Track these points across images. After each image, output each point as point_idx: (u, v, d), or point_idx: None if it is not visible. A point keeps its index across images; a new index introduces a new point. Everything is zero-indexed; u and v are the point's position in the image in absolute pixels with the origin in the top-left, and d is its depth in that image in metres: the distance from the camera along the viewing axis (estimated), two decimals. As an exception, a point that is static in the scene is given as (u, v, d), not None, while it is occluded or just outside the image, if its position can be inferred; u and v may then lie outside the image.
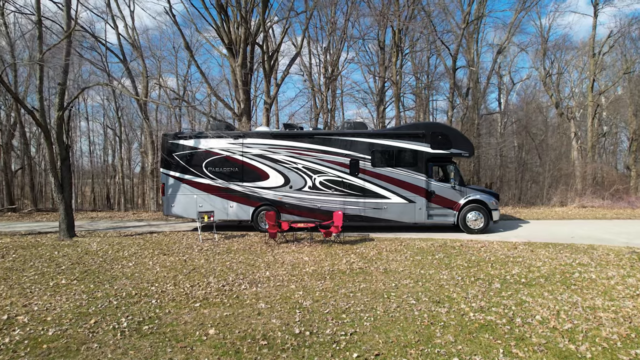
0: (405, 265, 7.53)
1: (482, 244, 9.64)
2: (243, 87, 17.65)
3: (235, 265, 7.76)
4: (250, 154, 11.98)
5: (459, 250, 8.91)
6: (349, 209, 11.67)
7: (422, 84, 25.91)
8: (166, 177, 12.34)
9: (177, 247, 9.75)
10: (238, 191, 12.01)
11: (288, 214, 11.86)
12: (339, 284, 6.39)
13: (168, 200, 12.30)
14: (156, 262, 8.11)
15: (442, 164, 11.93)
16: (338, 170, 11.70)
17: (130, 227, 13.87)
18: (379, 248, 9.28)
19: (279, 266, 7.67)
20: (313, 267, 7.55)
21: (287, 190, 11.85)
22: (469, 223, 11.47)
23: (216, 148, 12.11)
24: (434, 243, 9.68)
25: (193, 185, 12.17)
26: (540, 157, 27.40)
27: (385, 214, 11.63)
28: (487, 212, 11.46)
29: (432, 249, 9.09)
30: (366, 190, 11.65)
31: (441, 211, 11.62)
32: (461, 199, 11.55)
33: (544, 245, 9.31)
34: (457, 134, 12.34)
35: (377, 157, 11.66)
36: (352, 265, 7.61)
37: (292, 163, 11.84)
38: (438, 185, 11.59)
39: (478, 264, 7.51)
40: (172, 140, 12.36)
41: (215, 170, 12.08)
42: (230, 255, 8.79)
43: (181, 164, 12.23)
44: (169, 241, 10.71)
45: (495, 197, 11.90)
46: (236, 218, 12.09)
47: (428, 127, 11.88)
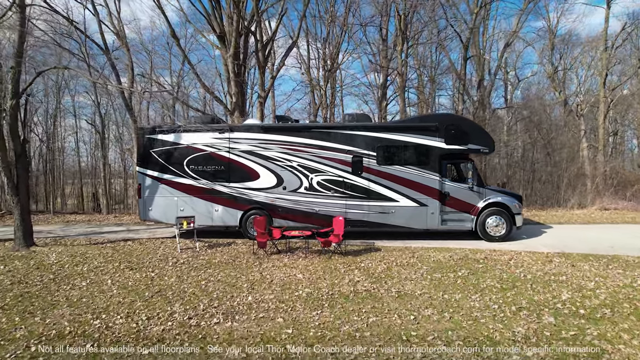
0: (423, 287, 6.04)
1: (509, 255, 8.15)
2: (235, 78, 16.17)
3: (212, 286, 6.27)
4: (237, 150, 10.49)
5: (484, 264, 7.42)
6: (351, 213, 10.18)
7: (426, 77, 24.43)
8: (143, 177, 10.84)
9: (149, 260, 8.25)
10: (224, 193, 10.51)
11: (281, 219, 10.36)
12: (340, 315, 4.90)
13: (145, 203, 10.80)
14: (116, 281, 6.61)
15: (457, 161, 10.44)
16: (338, 168, 10.21)
17: (106, 232, 12.37)
18: (387, 261, 7.79)
19: (265, 287, 6.18)
20: (308, 288, 6.06)
21: (280, 192, 10.36)
22: (489, 229, 9.99)
23: (199, 143, 10.61)
24: (453, 255, 8.19)
25: (173, 186, 10.67)
26: (550, 156, 25.99)
27: (393, 219, 10.15)
28: (509, 216, 9.97)
29: (451, 262, 7.61)
30: (371, 191, 10.16)
31: (457, 215, 10.13)
32: (480, 201, 10.07)
33: (583, 258, 7.83)
34: (475, 126, 10.83)
35: (384, 153, 10.16)
36: (356, 286, 6.13)
37: (285, 161, 10.35)
38: (453, 186, 10.10)
39: (514, 285, 6.03)
40: (149, 135, 10.86)
41: (198, 169, 10.59)
42: (209, 270, 7.30)
43: (160, 161, 10.74)
44: (142, 251, 9.22)
45: (518, 199, 10.40)
46: (222, 223, 10.59)
47: (442, 118, 10.38)
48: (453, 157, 10.23)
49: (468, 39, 16.94)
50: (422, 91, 25.85)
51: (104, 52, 17.14)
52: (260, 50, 17.47)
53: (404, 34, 16.47)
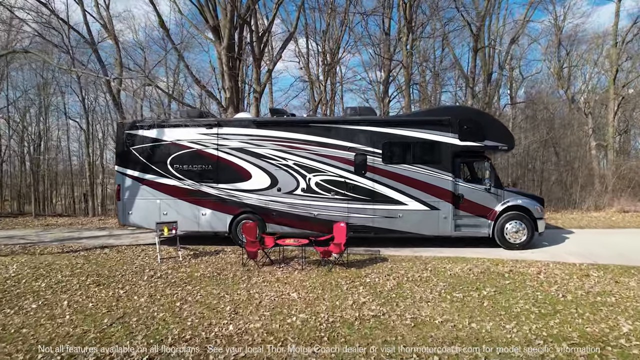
0: (444, 311, 4.96)
1: (536, 267, 7.07)
2: (229, 71, 15.08)
3: (188, 309, 5.19)
4: (227, 148, 9.40)
5: (511, 279, 6.34)
6: (354, 217, 9.10)
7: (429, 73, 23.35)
8: (122, 178, 9.75)
9: (123, 272, 7.17)
10: (212, 195, 9.42)
11: (275, 224, 9.28)
12: (343, 356, 3.82)
13: (124, 206, 9.71)
14: (75, 302, 5.53)
15: (472, 159, 9.37)
16: (340, 168, 9.13)
17: (85, 238, 11.28)
18: (397, 275, 6.70)
19: (252, 310, 5.10)
20: (304, 313, 4.97)
21: (275, 194, 9.28)
22: (508, 236, 8.91)
23: (184, 140, 9.52)
24: (472, 267, 7.10)
25: (155, 187, 9.58)
26: (558, 155, 24.94)
27: (401, 224, 9.06)
28: (530, 221, 8.89)
29: (471, 277, 6.52)
30: (376, 193, 9.07)
31: (472, 220, 9.05)
32: (497, 204, 8.98)
33: (624, 271, 6.74)
34: (492, 120, 9.72)
35: (391, 150, 9.08)
36: (362, 309, 5.05)
37: (280, 159, 9.27)
38: (468, 188, 9.02)
39: (554, 309, 4.94)
40: (129, 130, 9.77)
41: (184, 169, 9.50)
42: (188, 287, 6.21)
43: (141, 160, 9.65)
44: (118, 261, 8.14)
45: (540, 202, 9.31)
46: (210, 229, 9.50)
47: (456, 112, 9.27)
48: (468, 154, 9.16)
49: (479, 28, 15.83)
50: (425, 87, 24.80)
51: (89, 44, 16.06)
52: (256, 41, 16.42)
53: (410, 24, 15.39)
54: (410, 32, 15.53)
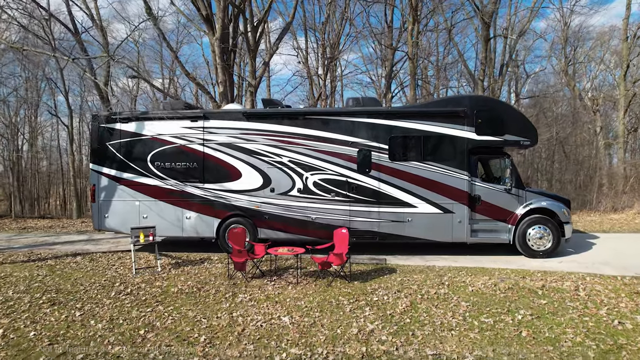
0: (473, 344, 3.92)
1: (571, 281, 6.02)
2: (222, 63, 14.05)
3: (152, 340, 4.15)
4: (214, 143, 8.37)
5: (546, 297, 5.29)
6: (357, 221, 8.06)
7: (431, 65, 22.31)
8: (98, 177, 8.72)
9: (89, 286, 6.14)
10: (197, 196, 8.39)
11: (268, 229, 8.24)
12: (348, 421, 2.78)
13: (100, 208, 8.67)
14: (13, 329, 4.48)
15: (491, 156, 8.35)
16: (341, 165, 8.10)
17: (60, 243, 10.25)
18: (408, 290, 5.66)
19: (232, 342, 4.06)
20: (296, 347, 3.94)
21: (268, 195, 8.24)
22: (531, 242, 7.86)
23: (166, 134, 8.49)
24: (496, 281, 6.05)
25: (134, 187, 8.55)
26: (567, 154, 23.95)
27: (410, 230, 8.02)
28: (556, 226, 7.85)
29: (498, 294, 5.47)
30: (381, 194, 8.03)
31: (490, 225, 8.01)
32: (519, 207, 7.94)
33: (677, 286, 5.70)
34: (513, 112, 8.63)
35: (398, 146, 8.04)
36: (369, 341, 4.02)
37: (274, 156, 8.23)
38: (486, 188, 7.98)
39: (615, 343, 3.90)
40: (105, 124, 8.73)
41: (166, 167, 8.47)
42: (159, 307, 5.17)
43: (118, 157, 8.62)
44: (87, 272, 7.11)
45: (566, 204, 8.27)
46: (195, 234, 8.46)
47: (472, 102, 8.20)
48: (485, 150, 8.12)
49: (491, 15, 14.74)
50: (428, 82, 23.78)
51: (72, 33, 15.02)
52: (251, 31, 15.37)
53: (415, 12, 14.34)
54: (415, 22, 14.48)
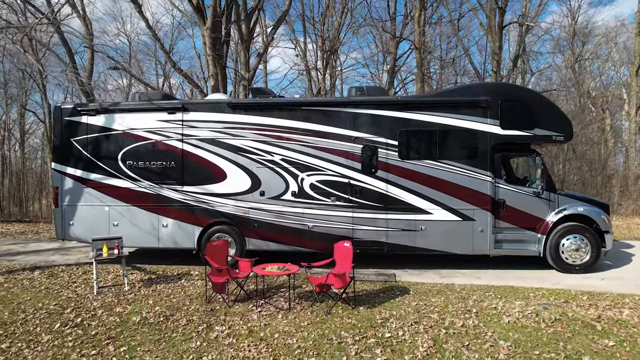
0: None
1: (628, 307, 4.85)
2: (213, 54, 12.89)
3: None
4: (195, 139, 7.20)
5: (612, 336, 4.12)
6: (361, 230, 6.90)
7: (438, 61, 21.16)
8: (61, 178, 7.55)
9: (32, 314, 4.97)
10: (176, 200, 7.22)
11: (258, 239, 7.08)
12: None
13: (64, 214, 7.51)
14: None
15: (517, 154, 7.20)
16: (342, 165, 6.93)
17: (25, 252, 9.08)
18: (428, 322, 4.49)
19: (192, 413, 2.89)
20: (281, 422, 2.77)
21: (257, 199, 7.07)
22: (565, 255, 6.70)
23: (140, 129, 7.32)
24: (536, 308, 4.87)
25: (103, 190, 7.39)
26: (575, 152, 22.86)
27: (423, 240, 6.85)
28: (595, 235, 6.69)
29: (544, 329, 4.31)
30: (390, 198, 6.87)
31: (516, 234, 6.86)
32: (551, 213, 6.78)
33: None
34: (543, 102, 7.36)
35: (410, 142, 6.88)
36: (385, 410, 2.85)
37: (264, 153, 7.06)
38: (512, 191, 6.82)
39: None
40: (69, 117, 7.56)
41: (139, 166, 7.31)
42: (110, 346, 4.01)
43: (84, 155, 7.46)
44: (40, 291, 5.95)
45: (605, 210, 7.10)
46: (173, 245, 7.29)
47: (497, 90, 7.03)
48: (511, 147, 6.96)
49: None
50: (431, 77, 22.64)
51: (48, 19, 13.82)
52: (244, 20, 14.21)
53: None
54: (423, 8, 13.34)
